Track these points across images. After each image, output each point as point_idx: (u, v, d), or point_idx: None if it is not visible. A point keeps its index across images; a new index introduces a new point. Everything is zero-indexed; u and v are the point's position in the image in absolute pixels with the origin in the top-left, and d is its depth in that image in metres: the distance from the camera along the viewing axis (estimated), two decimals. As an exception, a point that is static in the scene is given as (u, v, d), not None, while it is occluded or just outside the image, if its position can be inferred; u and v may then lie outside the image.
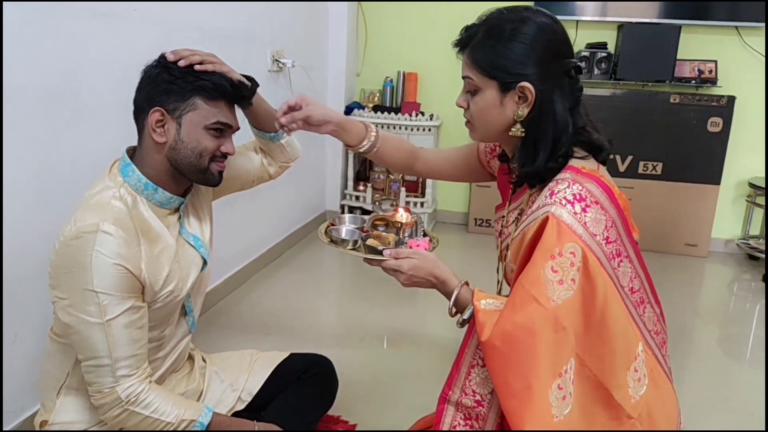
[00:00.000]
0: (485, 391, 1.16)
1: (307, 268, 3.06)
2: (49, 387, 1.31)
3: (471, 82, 1.20)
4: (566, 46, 1.16)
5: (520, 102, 1.14)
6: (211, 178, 1.29)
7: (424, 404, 1.80)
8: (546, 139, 1.14)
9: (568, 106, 1.15)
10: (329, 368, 1.67)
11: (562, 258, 1.05)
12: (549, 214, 1.07)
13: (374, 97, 3.69)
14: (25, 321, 1.51)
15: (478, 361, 1.16)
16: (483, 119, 1.20)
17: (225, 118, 1.26)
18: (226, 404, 1.50)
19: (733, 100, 3.30)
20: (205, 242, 1.39)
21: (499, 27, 1.15)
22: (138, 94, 1.25)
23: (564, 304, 1.04)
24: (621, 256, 1.12)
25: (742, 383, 2.16)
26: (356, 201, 3.75)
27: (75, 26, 1.59)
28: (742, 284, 3.23)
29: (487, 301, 1.15)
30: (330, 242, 1.34)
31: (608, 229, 1.09)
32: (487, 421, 1.17)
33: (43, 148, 1.53)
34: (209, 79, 1.22)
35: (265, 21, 2.74)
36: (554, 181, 1.12)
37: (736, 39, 3.37)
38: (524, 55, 1.12)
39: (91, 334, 1.16)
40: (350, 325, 2.46)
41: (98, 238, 1.13)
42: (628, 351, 1.11)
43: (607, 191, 1.11)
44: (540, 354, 1.04)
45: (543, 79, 1.12)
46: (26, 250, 1.49)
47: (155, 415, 1.22)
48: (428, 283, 1.24)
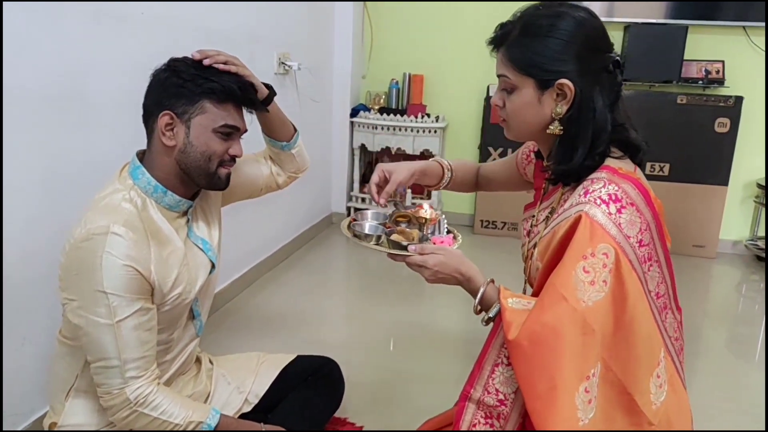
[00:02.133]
0: (509, 390, 1.14)
1: (313, 270, 3.06)
2: (58, 390, 1.32)
3: (507, 81, 1.17)
4: (605, 41, 1.13)
5: (559, 99, 1.12)
6: (219, 182, 1.30)
7: (431, 406, 1.80)
8: (585, 137, 1.11)
9: (608, 102, 1.12)
10: (336, 370, 1.67)
11: (594, 259, 1.03)
12: (582, 213, 1.05)
13: (380, 99, 3.69)
14: (33, 323, 1.52)
15: (502, 359, 1.14)
16: (519, 118, 1.18)
17: (233, 121, 1.26)
18: (233, 406, 1.50)
19: (740, 101, 3.28)
20: (214, 246, 1.40)
21: (535, 23, 1.12)
22: (147, 98, 1.26)
23: (594, 306, 1.02)
24: (652, 260, 1.10)
25: (751, 384, 2.15)
26: (362, 203, 3.75)
27: (82, 28, 1.60)
28: (751, 285, 3.21)
29: (513, 299, 1.13)
30: (354, 237, 1.33)
31: (642, 232, 1.07)
32: (509, 421, 1.14)
33: (50, 150, 1.54)
34: (218, 81, 1.23)
35: (271, 23, 2.74)
36: (589, 180, 1.10)
37: (743, 39, 3.36)
38: (562, 52, 1.10)
39: (101, 335, 1.16)
40: (357, 327, 2.46)
41: (108, 240, 1.13)
42: (652, 356, 1.10)
43: (644, 193, 1.09)
44: (567, 355, 1.01)
45: (582, 75, 1.10)
46: (33, 252, 1.50)
47: (163, 416, 1.22)
48: (453, 279, 1.22)
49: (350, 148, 3.72)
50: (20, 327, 1.49)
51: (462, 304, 2.79)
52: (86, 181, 1.63)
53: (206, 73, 1.23)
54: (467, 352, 2.28)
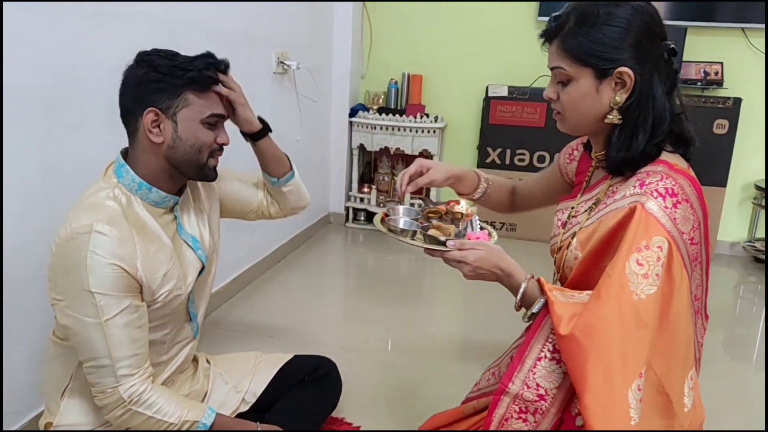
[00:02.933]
0: (550, 386, 1.11)
1: (311, 270, 3.06)
2: (53, 390, 1.32)
3: (562, 72, 1.15)
4: (661, 28, 1.12)
5: (618, 88, 1.11)
6: (209, 173, 1.29)
7: (428, 406, 1.79)
8: (645, 125, 1.10)
9: (666, 89, 1.12)
10: (333, 370, 1.67)
11: (648, 251, 1.02)
12: (638, 205, 1.04)
13: (379, 99, 3.69)
14: (29, 321, 1.52)
15: (545, 354, 1.11)
16: (576, 109, 1.16)
17: (218, 109, 1.26)
18: (230, 406, 1.50)
19: (739, 102, 3.28)
20: (204, 245, 1.38)
21: (591, 13, 1.11)
22: (124, 96, 1.23)
23: (647, 300, 1.01)
24: (697, 261, 1.10)
25: (748, 386, 2.15)
26: (360, 203, 3.74)
27: (79, 27, 1.59)
28: (748, 287, 3.22)
29: (557, 293, 1.11)
30: (389, 232, 1.31)
31: (694, 230, 1.07)
32: (546, 417, 1.12)
33: (47, 150, 1.53)
34: (195, 69, 1.20)
35: (270, 23, 2.74)
36: (645, 173, 1.10)
37: (742, 40, 3.36)
38: (620, 39, 1.09)
39: (90, 334, 1.16)
40: (354, 327, 2.46)
41: (92, 239, 1.12)
42: (688, 358, 1.09)
43: (698, 190, 1.08)
44: (623, 349, 1.00)
45: (641, 62, 1.09)
46: (30, 250, 1.49)
47: (158, 415, 1.22)
48: (493, 275, 1.20)
49: (349, 148, 3.71)
50: (16, 325, 1.49)
51: (459, 305, 2.79)
52: (83, 180, 1.62)
53: (181, 62, 1.21)
54: (464, 352, 2.28)
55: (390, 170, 3.79)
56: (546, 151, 3.54)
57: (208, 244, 1.40)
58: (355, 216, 3.81)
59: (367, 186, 3.76)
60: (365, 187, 3.76)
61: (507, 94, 3.50)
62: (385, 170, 3.80)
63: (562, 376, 1.11)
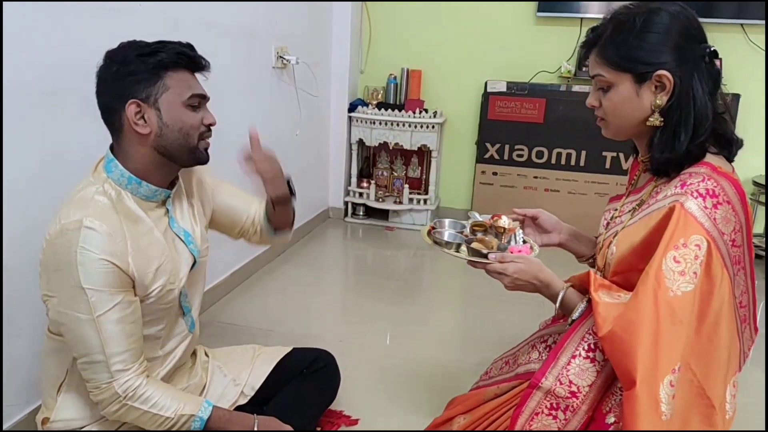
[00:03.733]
0: (583, 384, 1.14)
1: (310, 264, 3.06)
2: (49, 385, 1.32)
3: (602, 79, 1.18)
4: (699, 31, 1.14)
5: (658, 91, 1.13)
6: (200, 155, 1.28)
7: (426, 399, 1.81)
8: (687, 125, 1.12)
9: (708, 90, 1.13)
10: (332, 363, 1.67)
11: (686, 249, 1.03)
12: (677, 204, 1.06)
13: (378, 94, 3.69)
14: (28, 315, 1.52)
15: (581, 352, 1.15)
16: (618, 114, 1.19)
17: (199, 89, 1.25)
18: (229, 398, 1.51)
19: (738, 98, 3.28)
20: (196, 240, 1.37)
21: (628, 20, 1.14)
22: (102, 96, 1.22)
23: (683, 297, 1.02)
24: (740, 264, 1.10)
25: (744, 383, 2.15)
26: (359, 198, 3.75)
27: (78, 21, 1.59)
28: (746, 283, 3.23)
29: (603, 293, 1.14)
30: (434, 244, 1.37)
31: (736, 232, 1.07)
32: (577, 414, 1.14)
33: (47, 144, 1.53)
34: (165, 51, 1.19)
35: (269, 17, 2.74)
36: (687, 174, 1.11)
37: (741, 37, 3.36)
38: (658, 44, 1.11)
39: (83, 331, 1.15)
40: (353, 320, 2.46)
41: (82, 235, 1.11)
42: (731, 364, 1.09)
43: (741, 193, 1.09)
44: (655, 343, 1.01)
45: (680, 65, 1.11)
46: (29, 244, 1.49)
47: (154, 409, 1.22)
48: (532, 286, 1.25)
49: (348, 143, 3.71)
50: (15, 319, 1.49)
51: (457, 299, 2.79)
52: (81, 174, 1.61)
53: (149, 47, 1.19)
54: (463, 347, 2.29)
55: (389, 165, 3.80)
56: (544, 146, 3.54)
57: (200, 239, 1.39)
58: (354, 211, 3.81)
59: (366, 181, 3.76)
60: (364, 181, 3.77)
61: (506, 89, 3.50)
62: (384, 165, 3.80)
63: (595, 375, 1.14)
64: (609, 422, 1.12)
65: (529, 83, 3.50)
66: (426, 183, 3.73)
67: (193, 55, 1.24)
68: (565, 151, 3.53)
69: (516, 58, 3.58)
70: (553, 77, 3.57)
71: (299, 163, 3.29)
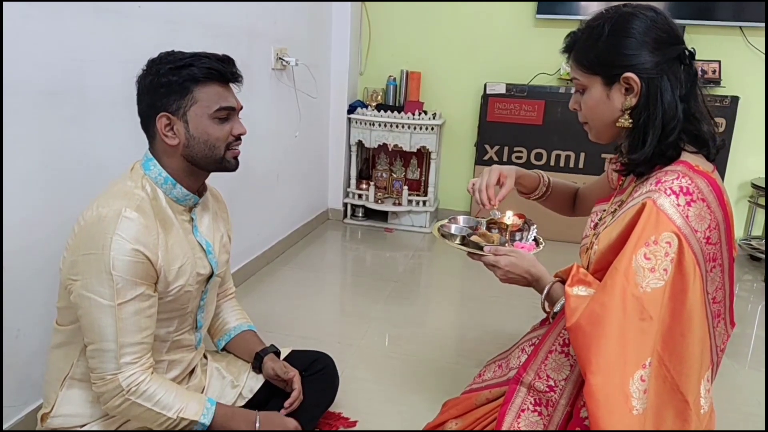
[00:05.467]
0: (559, 377, 1.19)
1: (309, 266, 3.06)
2: (53, 378, 1.32)
3: (578, 82, 1.23)
4: (670, 34, 1.16)
5: (627, 93, 1.16)
6: (228, 165, 1.32)
7: (424, 401, 1.81)
8: (655, 125, 1.14)
9: (681, 92, 1.15)
10: (330, 365, 1.68)
11: (656, 246, 1.04)
12: (648, 200, 1.07)
13: (377, 96, 3.69)
14: (27, 316, 1.52)
15: (556, 347, 1.20)
16: (593, 116, 1.23)
17: (226, 102, 1.27)
18: (227, 400, 1.51)
19: (736, 101, 3.29)
20: (215, 253, 1.41)
21: (599, 25, 1.18)
22: (139, 105, 1.28)
23: (653, 293, 1.03)
24: (716, 262, 1.11)
25: (743, 384, 2.16)
26: (359, 199, 3.75)
27: (79, 22, 1.59)
28: (744, 285, 3.23)
29: (580, 288, 1.16)
30: (441, 237, 1.44)
31: (711, 229, 1.08)
32: (557, 409, 1.19)
33: (47, 145, 1.53)
34: (196, 64, 1.23)
35: (269, 18, 2.74)
36: (663, 172, 1.12)
37: (740, 39, 3.37)
38: (626, 47, 1.14)
39: (101, 316, 1.17)
40: (352, 322, 2.46)
41: (120, 223, 1.15)
42: (704, 359, 1.10)
43: (717, 192, 1.10)
44: (624, 337, 1.03)
45: (648, 67, 1.13)
46: (29, 245, 1.50)
47: (156, 408, 1.23)
48: (523, 280, 1.29)
49: (347, 145, 3.72)
50: (14, 320, 1.49)
51: (455, 301, 2.80)
52: (83, 174, 1.63)
53: (183, 61, 1.23)
54: (461, 348, 2.29)
55: (388, 167, 3.80)
56: (543, 148, 3.54)
57: (218, 253, 1.43)
58: (353, 212, 3.81)
59: (366, 182, 3.76)
60: (363, 183, 3.77)
61: (505, 91, 3.50)
62: (383, 167, 3.80)
63: (569, 369, 1.18)
64: (583, 416, 1.13)
65: (528, 85, 3.51)
66: (425, 184, 3.73)
67: (224, 70, 1.26)
68: (564, 153, 3.54)
69: (515, 60, 3.59)
70: (552, 79, 3.58)
71: (299, 165, 3.29)
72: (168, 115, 1.23)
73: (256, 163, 2.75)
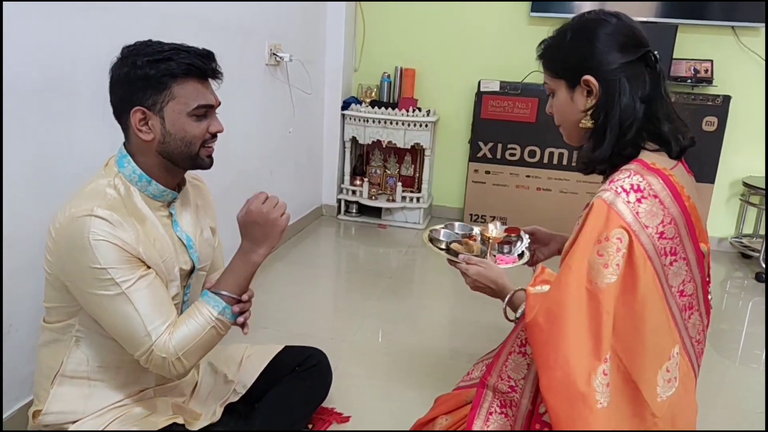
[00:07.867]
0: (518, 377, 1.23)
1: (302, 262, 3.06)
2: (42, 377, 1.31)
3: (547, 86, 1.28)
4: (631, 38, 1.19)
5: (588, 95, 1.20)
6: (202, 162, 1.28)
7: (417, 397, 1.82)
8: (612, 126, 1.17)
9: (642, 94, 1.17)
10: (324, 361, 1.68)
11: (608, 242, 1.07)
12: (599, 199, 1.10)
13: (371, 93, 3.69)
14: (20, 312, 1.52)
15: (515, 348, 1.25)
16: (561, 118, 1.27)
17: (204, 100, 1.23)
18: (220, 396, 1.51)
19: (728, 100, 3.31)
20: (197, 246, 1.38)
21: (564, 32, 1.23)
22: (113, 96, 1.23)
23: (608, 288, 1.06)
24: (676, 255, 1.13)
25: (734, 380, 2.18)
26: (353, 195, 3.75)
27: (69, 18, 1.59)
28: (735, 282, 3.26)
29: (541, 287, 1.20)
30: (429, 240, 1.53)
31: (665, 225, 1.10)
32: (520, 408, 1.23)
33: (37, 140, 1.53)
34: (175, 59, 1.18)
35: (263, 14, 2.73)
36: (618, 171, 1.15)
37: (732, 39, 3.38)
38: (584, 51, 1.19)
39: (116, 305, 1.16)
40: (345, 318, 2.47)
41: (92, 222, 1.13)
42: (663, 350, 1.12)
43: (671, 188, 1.12)
44: (582, 333, 1.06)
45: (606, 70, 1.17)
46: (21, 241, 1.49)
47: (197, 339, 1.21)
48: (489, 290, 1.37)
49: (341, 141, 3.72)
50: (7, 315, 1.49)
51: (448, 297, 2.80)
52: (73, 171, 1.62)
53: (161, 54, 1.18)
54: (453, 345, 2.30)
55: (382, 163, 3.80)
56: (536, 146, 3.56)
57: (200, 248, 1.40)
58: (347, 208, 3.81)
59: (360, 178, 3.77)
60: (357, 179, 3.77)
61: (499, 89, 3.51)
62: (377, 163, 3.80)
63: (527, 368, 1.23)
64: (542, 412, 1.17)
65: (522, 83, 3.52)
66: (419, 181, 3.74)
67: (204, 67, 1.22)
68: (557, 151, 3.55)
69: (509, 58, 3.59)
70: (545, 77, 3.59)
71: (292, 161, 3.29)
72: (143, 109, 1.19)
73: (250, 158, 2.74)
